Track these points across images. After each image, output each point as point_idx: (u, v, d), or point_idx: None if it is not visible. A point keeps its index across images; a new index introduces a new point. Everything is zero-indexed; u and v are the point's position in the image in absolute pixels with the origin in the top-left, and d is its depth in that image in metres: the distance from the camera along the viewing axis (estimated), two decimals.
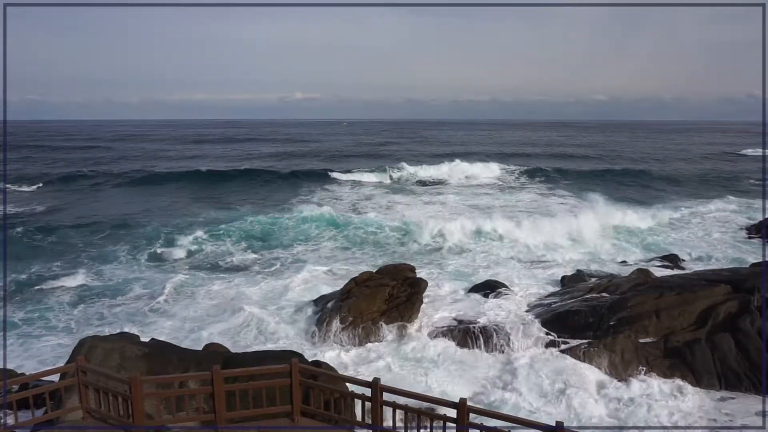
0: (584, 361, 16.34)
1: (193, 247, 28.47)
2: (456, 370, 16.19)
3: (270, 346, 17.64)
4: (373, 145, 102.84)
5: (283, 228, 32.25)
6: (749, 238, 31.46)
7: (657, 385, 15.42)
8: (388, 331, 17.88)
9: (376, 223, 32.64)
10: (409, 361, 17.20)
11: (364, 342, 17.59)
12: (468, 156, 76.64)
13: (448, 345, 17.50)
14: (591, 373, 15.87)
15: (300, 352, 14.18)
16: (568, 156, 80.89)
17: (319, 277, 23.99)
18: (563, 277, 23.61)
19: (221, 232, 30.84)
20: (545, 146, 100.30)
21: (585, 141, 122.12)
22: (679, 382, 15.59)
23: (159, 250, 27.79)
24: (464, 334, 17.75)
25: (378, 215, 35.25)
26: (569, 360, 16.37)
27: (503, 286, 22.13)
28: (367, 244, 29.77)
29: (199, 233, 30.18)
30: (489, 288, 21.77)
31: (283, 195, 45.78)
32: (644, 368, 16.22)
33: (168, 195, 45.73)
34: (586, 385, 15.13)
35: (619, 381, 15.74)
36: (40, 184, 49.60)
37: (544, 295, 21.40)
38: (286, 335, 18.66)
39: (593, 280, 22.22)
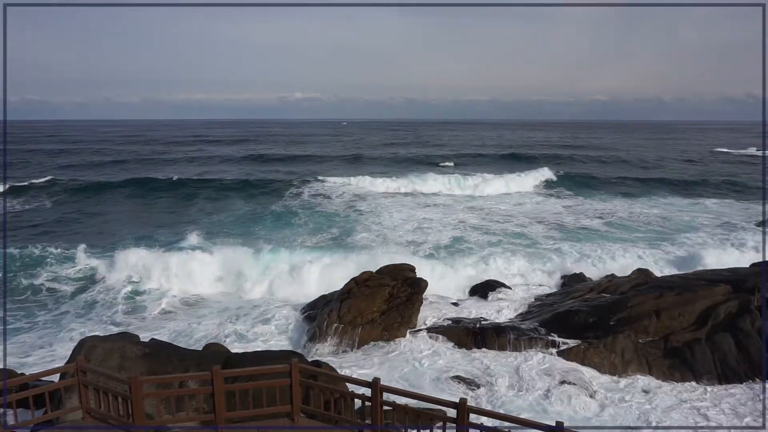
0: (584, 361, 16.36)
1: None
2: (455, 370, 16.19)
3: (270, 347, 17.66)
4: (371, 146, 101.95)
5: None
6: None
7: (657, 385, 15.45)
8: (388, 331, 17.87)
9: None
10: (409, 361, 17.22)
11: (363, 341, 17.59)
12: (476, 159, 76.18)
13: (447, 345, 17.52)
14: (591, 373, 15.90)
15: (300, 352, 14.19)
16: (582, 159, 77.59)
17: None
18: (563, 277, 23.63)
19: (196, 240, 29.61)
20: (550, 147, 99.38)
21: (605, 143, 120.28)
22: (679, 381, 15.63)
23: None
24: (464, 334, 17.75)
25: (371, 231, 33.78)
26: (569, 360, 16.40)
27: (504, 286, 22.16)
28: None
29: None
30: (489, 288, 21.80)
31: (267, 199, 43.78)
32: (644, 368, 16.25)
33: (156, 201, 44.18)
34: (586, 385, 15.14)
35: (619, 381, 15.76)
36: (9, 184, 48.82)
37: (545, 295, 21.42)
38: (286, 335, 18.68)
39: (593, 280, 22.24)
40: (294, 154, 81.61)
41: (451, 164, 70.49)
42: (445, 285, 22.52)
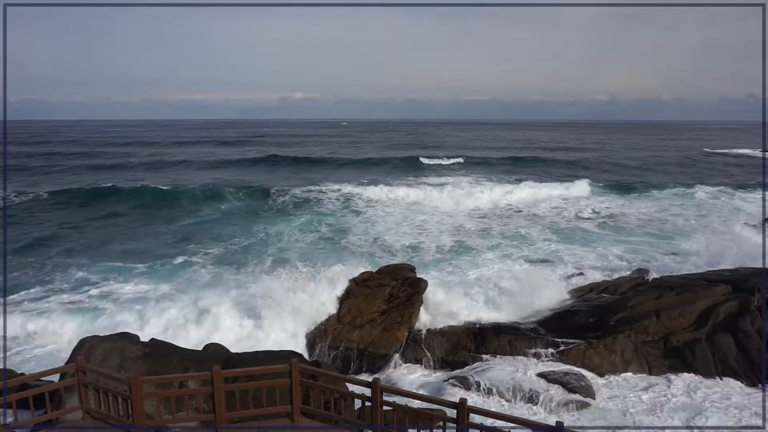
0: (584, 361, 16.36)
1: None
2: (455, 370, 16.20)
3: (270, 347, 17.61)
4: (372, 148, 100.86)
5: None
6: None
7: (657, 385, 15.45)
8: (388, 332, 17.85)
9: None
10: (409, 361, 17.23)
11: (363, 341, 17.57)
12: (480, 160, 75.62)
13: (447, 345, 17.50)
14: (591, 374, 15.90)
15: (299, 352, 14.16)
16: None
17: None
18: (563, 278, 23.58)
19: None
20: (552, 150, 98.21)
21: (606, 143, 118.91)
22: (678, 382, 15.64)
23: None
24: (464, 334, 17.73)
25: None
26: (569, 360, 16.39)
27: (503, 287, 22.11)
28: None
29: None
30: (489, 289, 21.75)
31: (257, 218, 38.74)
32: (644, 368, 16.25)
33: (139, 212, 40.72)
34: (586, 385, 15.12)
35: (619, 381, 15.77)
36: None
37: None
38: (285, 335, 18.63)
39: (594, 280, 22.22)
40: (292, 156, 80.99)
41: (455, 164, 70.45)
42: (446, 286, 22.49)
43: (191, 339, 16.82)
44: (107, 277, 24.27)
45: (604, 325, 17.32)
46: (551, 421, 11.36)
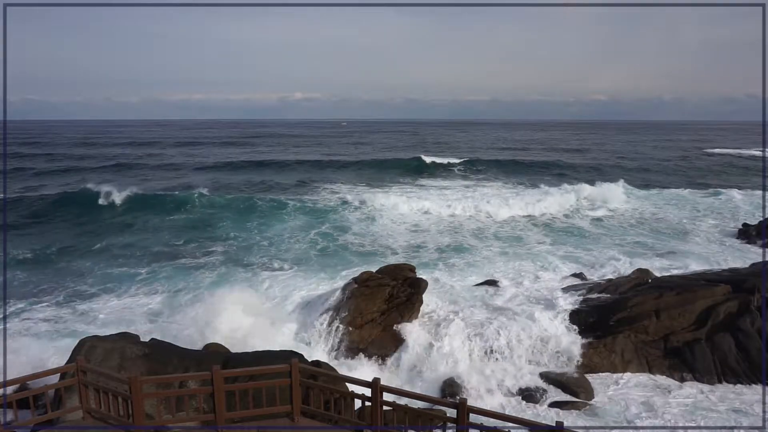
0: (584, 361, 16.36)
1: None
2: (455, 370, 16.20)
3: (270, 347, 17.62)
4: (372, 149, 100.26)
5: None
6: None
7: (657, 385, 15.46)
8: (388, 332, 17.87)
9: None
10: (409, 361, 17.22)
11: (363, 341, 17.58)
12: (482, 161, 75.29)
13: (447, 345, 17.49)
14: (591, 374, 15.91)
15: (299, 352, 14.16)
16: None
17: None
18: (563, 278, 23.59)
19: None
20: (552, 151, 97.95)
21: (606, 144, 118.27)
22: (679, 381, 15.65)
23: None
24: (464, 334, 17.72)
25: None
26: (569, 360, 16.39)
27: (504, 287, 22.14)
28: None
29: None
30: (489, 289, 21.78)
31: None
32: (644, 368, 16.26)
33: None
34: (586, 385, 15.14)
35: (618, 381, 15.77)
36: None
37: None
38: (286, 335, 18.65)
39: (593, 280, 22.23)
40: (292, 156, 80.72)
41: (455, 165, 70.33)
42: (446, 286, 22.53)
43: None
44: (106, 285, 23.65)
45: (604, 325, 17.34)
46: (551, 421, 11.37)
